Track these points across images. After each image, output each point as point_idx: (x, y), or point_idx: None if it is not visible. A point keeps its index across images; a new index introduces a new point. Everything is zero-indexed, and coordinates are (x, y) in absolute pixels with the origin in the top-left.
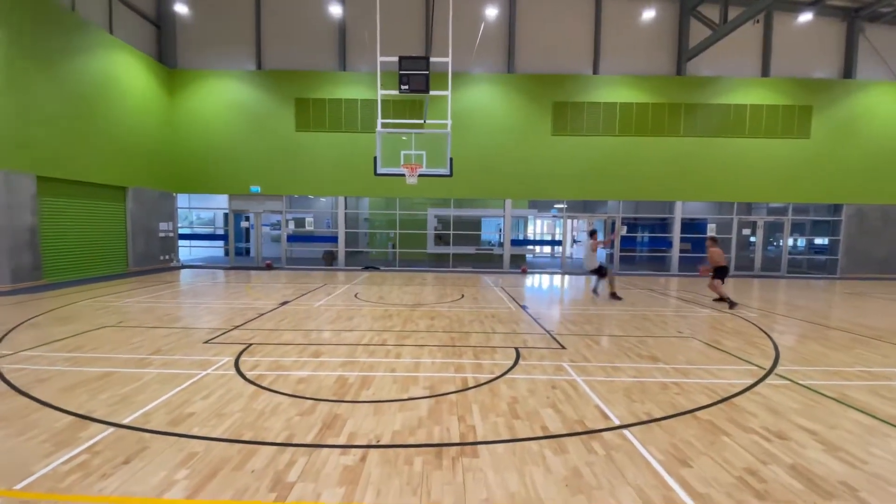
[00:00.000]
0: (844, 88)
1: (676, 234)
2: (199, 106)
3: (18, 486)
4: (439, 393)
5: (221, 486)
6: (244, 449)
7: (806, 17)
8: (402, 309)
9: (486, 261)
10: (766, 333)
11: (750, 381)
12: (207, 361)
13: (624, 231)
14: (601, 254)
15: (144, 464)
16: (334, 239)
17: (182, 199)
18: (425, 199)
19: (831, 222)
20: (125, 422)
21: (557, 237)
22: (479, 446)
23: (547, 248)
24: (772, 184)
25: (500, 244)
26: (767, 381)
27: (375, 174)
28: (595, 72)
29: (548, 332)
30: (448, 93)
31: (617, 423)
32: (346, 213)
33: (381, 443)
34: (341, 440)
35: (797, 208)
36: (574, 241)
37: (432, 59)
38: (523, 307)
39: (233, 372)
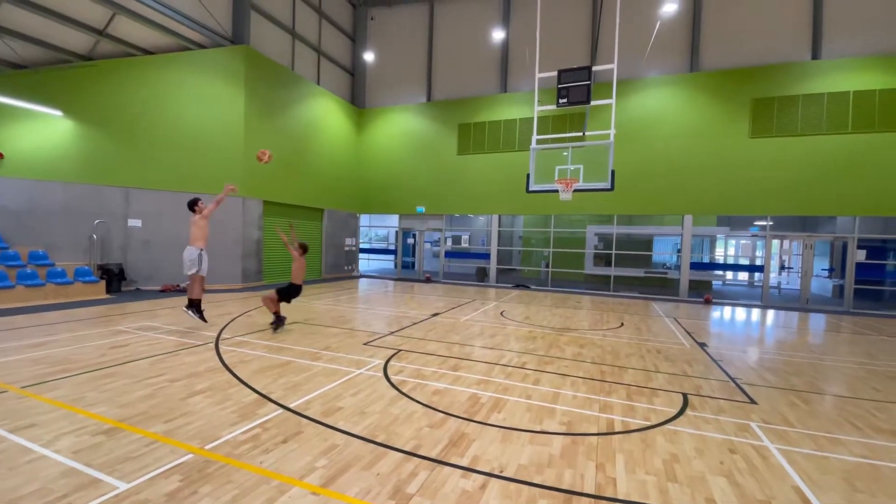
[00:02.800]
0: None
1: None
2: (379, 138)
3: (208, 447)
4: (578, 432)
5: (350, 482)
6: (376, 450)
7: None
8: (548, 332)
9: (659, 286)
10: None
11: None
12: (363, 361)
13: (861, 257)
14: None
15: (297, 446)
16: (488, 256)
17: (363, 219)
18: (585, 216)
19: None
20: (292, 406)
21: (758, 261)
22: None
23: (743, 275)
24: None
25: (677, 267)
26: None
27: (527, 191)
28: (815, 56)
29: (732, 379)
30: (612, 101)
31: None
32: (499, 231)
33: (504, 473)
34: (465, 461)
35: None
36: (783, 268)
37: (596, 69)
38: (701, 345)
39: (380, 374)
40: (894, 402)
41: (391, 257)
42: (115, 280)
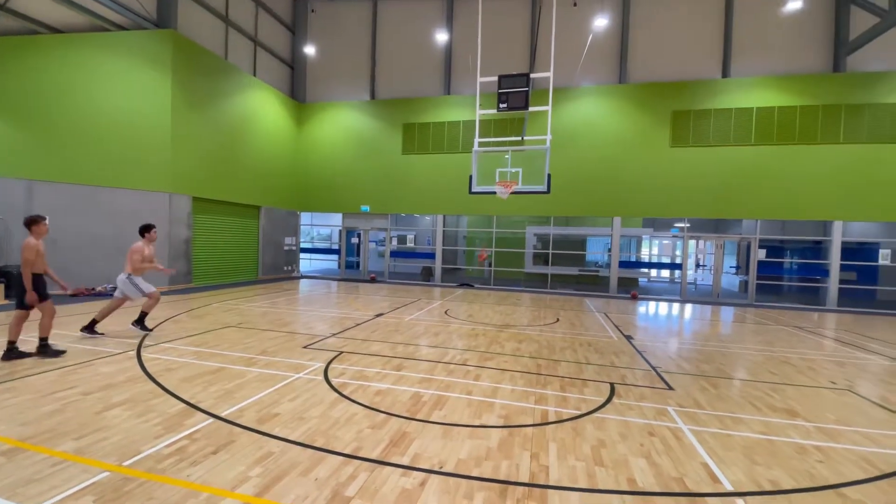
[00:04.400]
0: None
1: (835, 260)
2: (321, 134)
3: (126, 464)
4: (514, 424)
5: (286, 490)
6: (314, 455)
7: None
8: (489, 329)
9: (591, 283)
10: None
11: None
12: (302, 365)
13: (762, 256)
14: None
15: (229, 456)
16: (433, 256)
17: (305, 217)
18: (525, 217)
19: None
20: (223, 414)
21: (677, 260)
22: (549, 491)
23: (665, 272)
24: None
25: (608, 266)
26: None
27: (470, 192)
28: (725, 75)
29: (654, 368)
30: (548, 108)
31: (729, 488)
32: (444, 231)
33: (443, 469)
34: (405, 460)
35: None
36: (698, 266)
37: (534, 76)
38: (628, 337)
39: (321, 378)
40: (788, 384)
41: (335, 257)
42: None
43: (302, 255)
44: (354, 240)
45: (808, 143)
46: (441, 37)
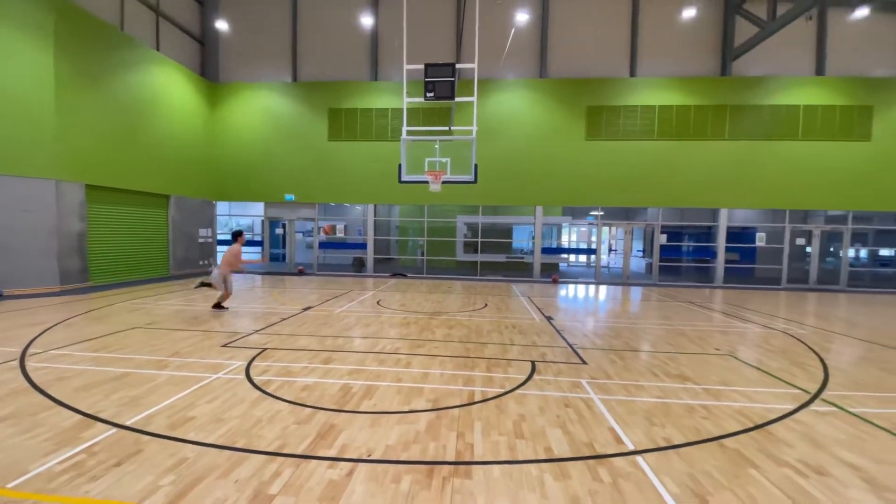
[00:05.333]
0: None
1: (721, 243)
2: (238, 117)
3: (11, 485)
4: (442, 407)
5: (202, 495)
6: (234, 457)
7: (862, 12)
8: (421, 317)
9: (518, 269)
10: (816, 353)
11: (791, 407)
12: (220, 365)
13: (664, 240)
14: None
15: (135, 467)
16: (365, 246)
17: (222, 207)
18: (455, 207)
19: None
20: (128, 423)
21: (593, 245)
22: (474, 467)
23: (582, 257)
24: (829, 190)
25: (532, 252)
26: (812, 406)
27: (400, 181)
28: (632, 74)
29: (570, 345)
30: (474, 99)
31: (631, 447)
32: (375, 221)
33: (372, 457)
34: (332, 452)
35: (858, 216)
36: (611, 250)
37: (460, 66)
38: (548, 318)
39: (242, 377)
40: (681, 353)
41: (258, 249)
42: None
43: (220, 248)
44: (279, 230)
45: (700, 139)
46: (367, 20)
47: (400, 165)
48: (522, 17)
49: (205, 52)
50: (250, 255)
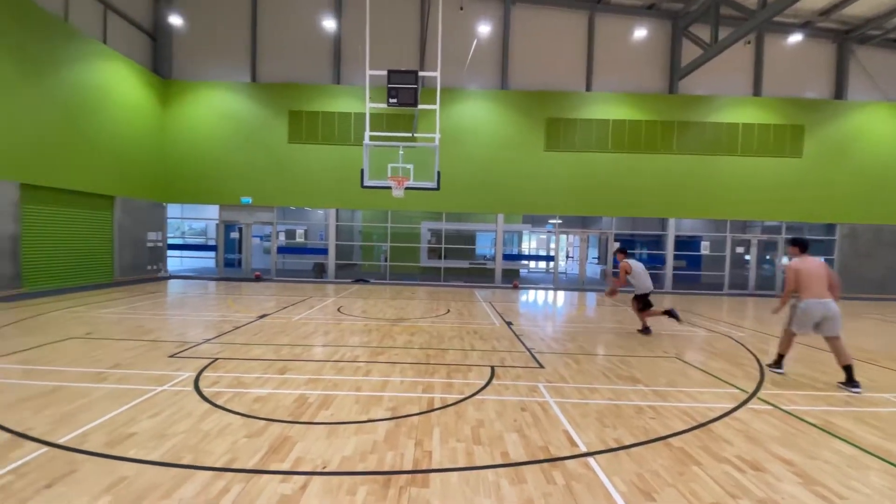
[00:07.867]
0: (836, 109)
1: (670, 251)
2: (192, 116)
3: None
4: (401, 415)
5: None
6: (179, 474)
7: (796, 38)
8: (382, 324)
9: (480, 275)
10: (753, 355)
11: (730, 406)
12: (166, 377)
13: (616, 247)
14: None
15: (67, 489)
16: (326, 251)
17: (174, 210)
18: (419, 213)
19: (825, 242)
20: (61, 441)
21: (551, 252)
22: (431, 475)
23: (542, 264)
24: (765, 202)
25: (493, 258)
26: (749, 405)
27: (362, 186)
28: (588, 89)
29: (528, 350)
30: (437, 107)
31: (583, 449)
32: (337, 226)
33: (326, 469)
34: (285, 466)
35: (791, 227)
36: (568, 257)
37: (423, 74)
38: (508, 323)
39: (190, 388)
40: (632, 356)
41: (212, 254)
42: None
43: (170, 253)
44: (235, 234)
45: (650, 153)
46: (330, 23)
47: (362, 170)
48: (485, 29)
49: (157, 47)
50: (204, 261)
